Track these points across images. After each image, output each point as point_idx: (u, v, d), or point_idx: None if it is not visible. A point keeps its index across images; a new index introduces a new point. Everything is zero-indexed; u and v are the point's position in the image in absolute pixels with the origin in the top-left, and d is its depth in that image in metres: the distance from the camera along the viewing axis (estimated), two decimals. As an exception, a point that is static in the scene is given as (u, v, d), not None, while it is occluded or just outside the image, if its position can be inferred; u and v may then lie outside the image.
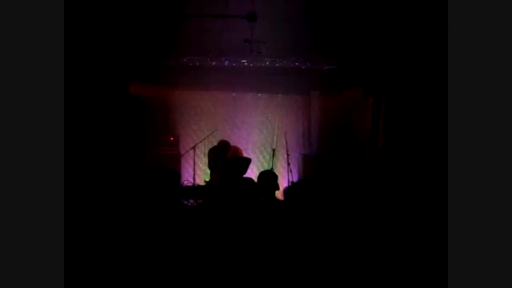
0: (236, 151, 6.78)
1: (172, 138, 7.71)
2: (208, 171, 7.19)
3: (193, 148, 7.22)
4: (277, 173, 3.86)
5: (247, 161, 3.73)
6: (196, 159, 7.39)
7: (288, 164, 7.35)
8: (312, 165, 7.78)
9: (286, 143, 7.58)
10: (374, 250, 2.81)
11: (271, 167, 7.42)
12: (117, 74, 6.46)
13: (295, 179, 7.44)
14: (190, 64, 7.61)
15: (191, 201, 4.47)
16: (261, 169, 7.93)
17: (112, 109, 6.32)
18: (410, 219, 3.41)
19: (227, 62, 7.47)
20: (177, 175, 3.19)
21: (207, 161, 7.17)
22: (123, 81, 6.85)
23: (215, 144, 7.14)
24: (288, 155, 7.46)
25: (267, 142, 8.48)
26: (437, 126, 4.31)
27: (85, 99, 5.49)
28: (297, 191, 3.00)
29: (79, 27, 4.60)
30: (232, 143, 7.11)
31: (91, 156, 5.50)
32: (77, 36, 4.66)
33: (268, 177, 3.32)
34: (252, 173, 5.99)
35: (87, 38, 5.06)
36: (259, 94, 8.47)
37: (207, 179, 7.18)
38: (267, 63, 7.51)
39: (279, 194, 3.34)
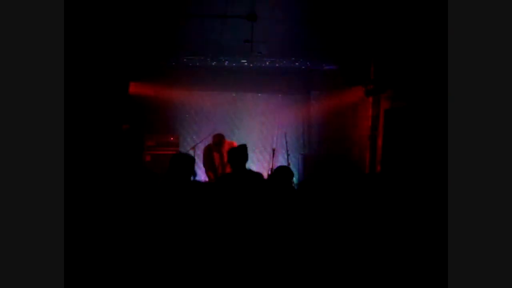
0: (231, 143, 6.59)
1: (172, 138, 7.71)
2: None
3: (193, 148, 7.22)
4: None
5: (245, 147, 3.86)
6: (196, 159, 7.38)
7: (288, 164, 7.35)
8: (312, 165, 7.78)
9: (286, 143, 7.58)
10: (374, 250, 2.81)
11: (271, 167, 7.42)
12: (117, 74, 6.46)
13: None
14: (190, 64, 7.62)
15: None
16: (261, 169, 7.94)
17: (112, 109, 6.32)
18: (410, 219, 3.41)
19: (227, 62, 7.48)
20: (192, 159, 3.42)
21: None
22: (123, 81, 6.85)
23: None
24: (288, 155, 7.47)
25: (267, 142, 8.49)
26: (437, 126, 4.31)
27: (85, 99, 5.49)
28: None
29: (79, 27, 4.61)
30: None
31: (91, 156, 5.49)
32: (77, 36, 4.66)
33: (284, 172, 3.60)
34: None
35: (87, 38, 5.07)
36: (259, 94, 8.48)
37: (207, 179, 7.15)
38: (267, 63, 7.52)
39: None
